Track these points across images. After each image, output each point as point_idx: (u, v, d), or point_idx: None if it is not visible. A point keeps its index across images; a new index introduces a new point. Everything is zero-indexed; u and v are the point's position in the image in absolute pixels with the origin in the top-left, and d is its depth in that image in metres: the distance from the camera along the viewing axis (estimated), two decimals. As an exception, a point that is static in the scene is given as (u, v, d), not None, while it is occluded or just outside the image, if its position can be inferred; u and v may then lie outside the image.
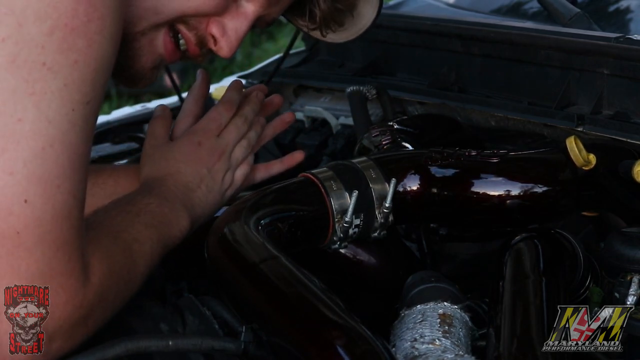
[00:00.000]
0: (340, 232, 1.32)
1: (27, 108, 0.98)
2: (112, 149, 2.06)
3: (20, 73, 0.98)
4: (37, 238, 0.99)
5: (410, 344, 1.14)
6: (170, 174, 1.34)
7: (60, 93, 1.00)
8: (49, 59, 0.99)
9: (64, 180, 1.01)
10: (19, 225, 0.98)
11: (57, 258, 1.00)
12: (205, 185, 1.36)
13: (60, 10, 0.99)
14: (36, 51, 0.98)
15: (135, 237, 1.16)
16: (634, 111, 1.46)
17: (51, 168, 0.99)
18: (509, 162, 1.39)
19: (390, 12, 2.22)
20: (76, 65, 1.01)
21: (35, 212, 0.99)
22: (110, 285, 1.08)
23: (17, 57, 0.97)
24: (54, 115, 0.99)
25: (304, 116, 2.13)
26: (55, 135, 1.00)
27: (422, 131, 1.62)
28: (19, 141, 0.98)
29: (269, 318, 1.12)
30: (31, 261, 0.99)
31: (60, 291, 1.01)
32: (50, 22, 0.99)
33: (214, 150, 1.40)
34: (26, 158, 0.98)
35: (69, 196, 1.02)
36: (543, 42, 1.61)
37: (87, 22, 1.01)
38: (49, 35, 0.99)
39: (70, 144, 1.01)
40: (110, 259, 1.09)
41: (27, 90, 0.98)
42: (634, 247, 1.31)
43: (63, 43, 0.99)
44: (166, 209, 1.26)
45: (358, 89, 1.80)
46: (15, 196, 0.98)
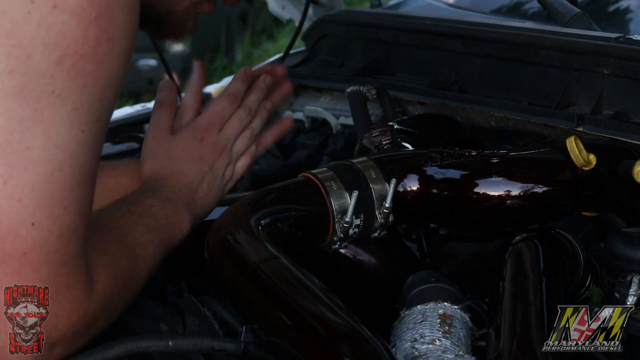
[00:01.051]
0: (340, 232, 1.32)
1: (35, 135, 0.96)
2: (112, 149, 2.05)
3: (28, 102, 0.96)
4: (43, 257, 0.99)
5: (410, 344, 1.14)
6: (173, 174, 1.34)
7: (69, 118, 0.98)
8: (58, 87, 0.97)
9: (70, 201, 1.00)
10: (25, 246, 0.98)
11: (63, 274, 1.01)
12: (206, 183, 1.36)
13: (69, 38, 0.97)
14: (44, 81, 0.96)
15: (138, 241, 1.16)
16: (634, 111, 1.46)
17: (59, 191, 0.99)
18: (509, 162, 1.39)
19: (390, 12, 2.23)
20: (85, 90, 0.99)
21: (42, 234, 0.98)
22: (114, 292, 1.08)
23: (25, 88, 0.96)
24: (62, 140, 0.98)
25: (304, 116, 2.13)
26: (64, 159, 0.99)
27: (422, 131, 1.61)
28: (26, 168, 0.96)
29: (269, 318, 1.12)
30: (36, 278, 0.99)
31: (65, 303, 1.01)
32: (59, 51, 0.97)
33: (215, 146, 1.39)
34: (34, 184, 0.97)
35: (76, 215, 1.01)
36: (543, 42, 1.61)
37: (96, 46, 0.99)
38: (57, 64, 0.97)
39: (79, 164, 1.00)
40: (115, 265, 1.09)
41: (36, 118, 0.96)
42: (634, 247, 1.31)
43: (72, 70, 0.97)
44: (169, 211, 1.26)
45: (358, 89, 1.79)
46: (22, 220, 0.97)
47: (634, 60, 1.46)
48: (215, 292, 1.37)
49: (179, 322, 1.21)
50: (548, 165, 1.40)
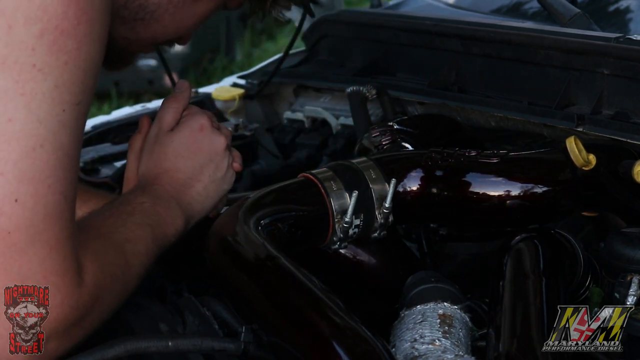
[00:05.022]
0: (340, 232, 1.32)
1: (17, 108, 0.98)
2: (112, 149, 2.06)
3: (11, 74, 0.98)
4: (29, 238, 0.99)
5: (410, 344, 1.14)
6: (165, 171, 1.33)
7: (50, 94, 1.00)
8: (39, 61, 0.99)
9: (55, 181, 1.01)
10: (10, 225, 0.98)
11: (51, 258, 1.00)
12: (206, 177, 1.34)
13: (50, 12, 1.00)
14: (26, 53, 0.99)
15: (127, 237, 1.16)
16: (634, 111, 1.46)
17: (42, 168, 1.00)
18: (509, 162, 1.39)
19: (390, 12, 2.23)
20: (66, 67, 1.01)
21: (26, 212, 0.99)
22: (105, 286, 1.08)
23: (7, 59, 0.98)
24: (44, 115, 1.00)
25: (304, 116, 2.13)
26: (46, 136, 1.00)
27: (422, 131, 1.62)
28: (9, 141, 0.98)
29: (269, 318, 1.12)
30: (23, 262, 0.99)
31: (56, 292, 1.01)
32: (41, 25, 0.99)
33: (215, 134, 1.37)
34: (16, 158, 0.98)
35: (60, 196, 1.02)
36: (543, 42, 1.61)
37: (76, 24, 1.02)
38: (39, 38, 0.99)
39: (60, 144, 1.02)
40: (102, 260, 1.09)
41: (18, 90, 0.98)
42: (634, 247, 1.31)
43: (53, 45, 1.00)
44: (160, 208, 1.25)
45: (358, 89, 1.80)
46: (5, 196, 0.98)
47: (634, 60, 1.46)
48: (215, 292, 1.37)
49: (178, 322, 1.21)
50: (548, 165, 1.40)
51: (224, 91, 2.30)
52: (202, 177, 1.34)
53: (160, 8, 1.26)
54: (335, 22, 2.11)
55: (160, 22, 1.27)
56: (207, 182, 1.34)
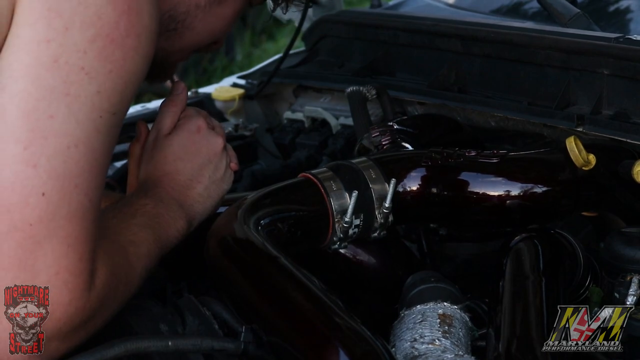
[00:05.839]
0: (340, 232, 1.32)
1: (60, 107, 1.02)
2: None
3: (60, 74, 1.02)
4: (49, 232, 1.00)
5: (410, 344, 1.14)
6: (166, 173, 1.33)
7: (92, 98, 1.04)
8: (88, 65, 1.03)
9: (82, 181, 1.03)
10: (32, 217, 1.00)
11: (67, 257, 1.01)
12: (206, 178, 1.34)
13: (104, 20, 1.04)
14: (77, 55, 1.03)
15: (130, 240, 1.16)
16: (634, 111, 1.46)
17: (72, 167, 1.02)
18: (509, 162, 1.39)
19: (390, 12, 2.23)
20: (110, 75, 1.05)
21: (50, 207, 1.00)
22: (111, 289, 1.08)
23: (60, 59, 1.02)
24: (83, 118, 1.03)
25: (304, 116, 2.13)
26: (81, 137, 1.03)
27: (422, 131, 1.62)
28: (47, 137, 1.01)
29: (268, 318, 1.12)
30: (39, 255, 1.00)
31: (65, 290, 1.01)
32: (94, 30, 1.04)
33: (212, 135, 1.37)
34: (50, 154, 1.01)
35: (86, 198, 1.04)
36: (543, 42, 1.61)
37: (125, 36, 1.06)
38: (91, 42, 1.03)
39: (92, 148, 1.04)
40: (112, 263, 1.09)
41: (63, 90, 1.02)
42: (634, 247, 1.31)
43: (102, 51, 1.04)
44: (162, 209, 1.26)
45: (358, 89, 1.79)
46: (34, 188, 1.00)
47: (633, 60, 1.46)
48: (215, 292, 1.37)
49: (178, 322, 1.21)
50: (548, 165, 1.40)
51: (224, 91, 2.30)
52: (202, 178, 1.34)
53: (189, 16, 1.30)
54: (335, 22, 2.11)
55: (193, 29, 1.31)
56: (207, 182, 1.34)
